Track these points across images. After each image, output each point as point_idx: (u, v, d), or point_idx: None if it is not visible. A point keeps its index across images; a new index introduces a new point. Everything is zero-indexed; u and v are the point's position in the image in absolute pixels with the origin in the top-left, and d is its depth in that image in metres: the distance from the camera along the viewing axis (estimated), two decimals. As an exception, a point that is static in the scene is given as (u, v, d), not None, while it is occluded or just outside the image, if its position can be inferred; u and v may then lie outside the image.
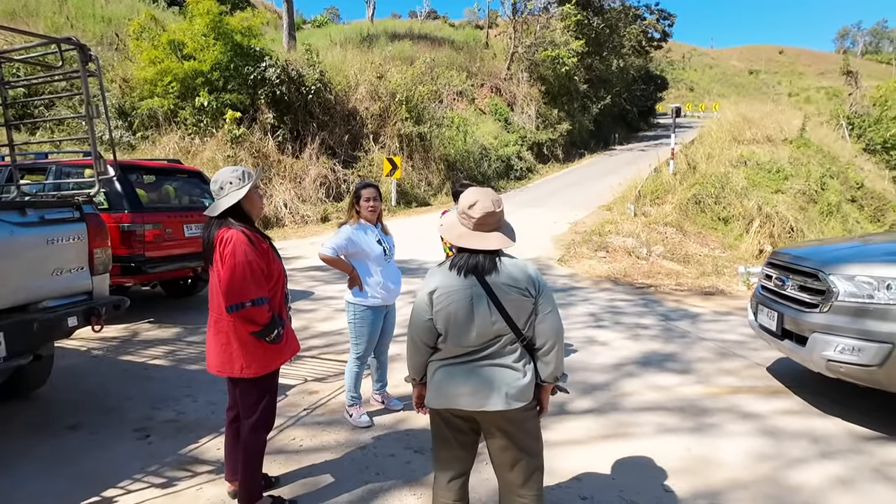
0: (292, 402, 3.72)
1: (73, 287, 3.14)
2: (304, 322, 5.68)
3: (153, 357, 4.63)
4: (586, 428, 3.42)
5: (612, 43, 30.57)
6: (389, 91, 16.94)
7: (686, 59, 69.37)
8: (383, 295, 3.27)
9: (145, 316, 5.85)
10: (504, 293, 1.84)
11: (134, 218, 5.26)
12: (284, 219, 13.19)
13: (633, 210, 12.94)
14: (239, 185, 2.32)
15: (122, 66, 14.52)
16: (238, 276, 2.21)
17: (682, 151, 17.35)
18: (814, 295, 3.58)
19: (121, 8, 18.02)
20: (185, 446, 3.08)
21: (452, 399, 1.89)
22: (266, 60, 14.16)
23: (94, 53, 3.14)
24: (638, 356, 4.81)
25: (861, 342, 3.25)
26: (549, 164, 25.08)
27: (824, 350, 3.38)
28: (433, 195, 17.16)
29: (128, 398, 3.73)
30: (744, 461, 3.03)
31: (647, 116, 40.59)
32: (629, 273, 8.64)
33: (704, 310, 6.56)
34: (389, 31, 28.74)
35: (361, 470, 2.86)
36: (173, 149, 12.80)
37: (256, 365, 2.34)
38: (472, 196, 1.90)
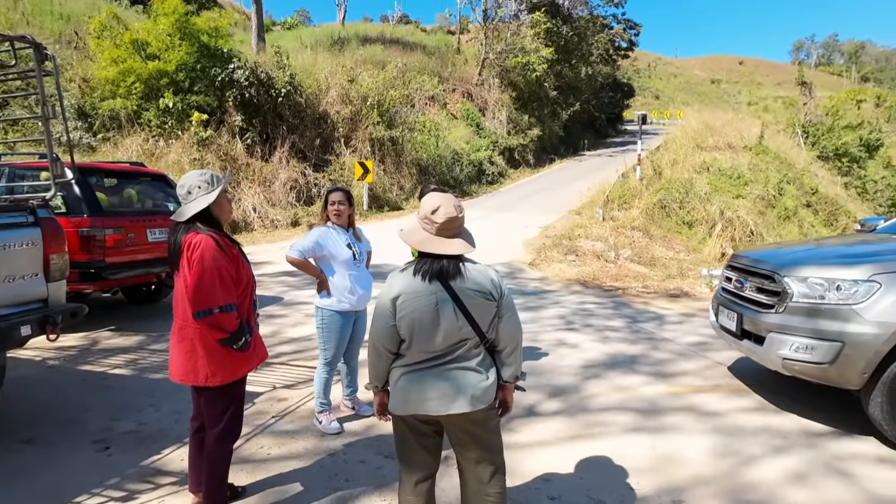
0: (260, 410, 3.65)
1: (27, 294, 3.01)
2: (274, 328, 5.59)
3: (114, 366, 4.47)
4: (554, 429, 3.47)
5: (581, 51, 31.26)
6: (361, 95, 16.87)
7: (651, 68, 71.35)
8: (352, 300, 3.24)
9: (106, 324, 5.65)
10: (469, 298, 1.87)
11: (93, 222, 5.08)
12: (253, 223, 12.95)
13: (602, 214, 13.22)
14: (207, 189, 2.28)
15: (81, 65, 14.02)
16: (206, 282, 2.17)
17: (648, 157, 17.82)
18: (770, 296, 3.73)
19: (80, 5, 17.41)
20: (147, 458, 2.98)
21: (418, 405, 1.89)
22: (234, 62, 13.91)
23: (51, 52, 3.03)
24: (606, 358, 4.91)
25: (814, 341, 3.40)
26: (520, 169, 25.38)
27: (780, 349, 3.53)
28: (405, 199, 17.14)
29: (86, 409, 3.60)
30: (705, 458, 3.12)
31: (615, 123, 41.55)
32: (598, 276, 8.81)
33: (670, 312, 6.75)
34: (361, 34, 28.63)
35: (331, 477, 2.83)
36: (136, 151, 12.42)
37: (222, 373, 2.29)
38: (435, 201, 1.91)
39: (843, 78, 75.99)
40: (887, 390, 3.19)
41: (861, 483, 2.87)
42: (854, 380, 3.30)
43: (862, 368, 3.23)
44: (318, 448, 3.14)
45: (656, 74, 73.78)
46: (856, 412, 3.52)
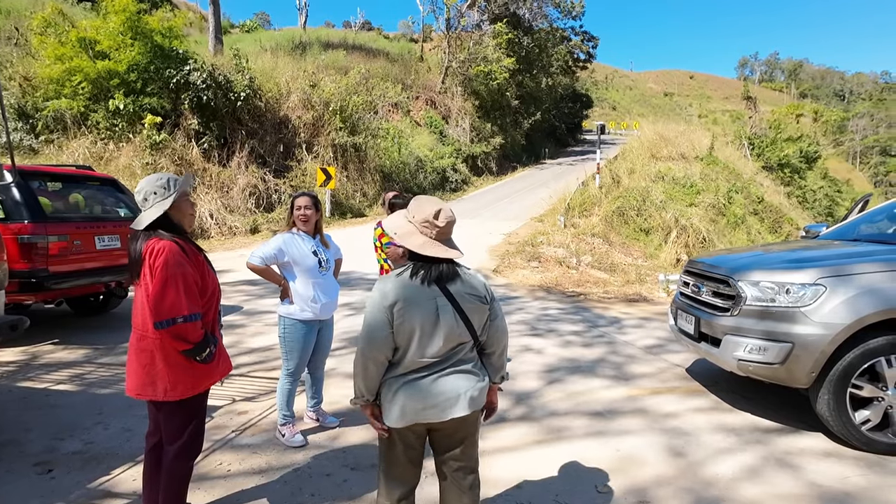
0: (219, 424, 3.50)
1: (-39, 306, 2.79)
2: (234, 337, 5.41)
3: (57, 382, 4.20)
4: (521, 434, 3.49)
5: (542, 62, 32.00)
6: (323, 100, 16.66)
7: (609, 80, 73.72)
8: (316, 308, 3.16)
9: (49, 337, 5.32)
10: (466, 301, 1.88)
11: (35, 229, 4.78)
12: (210, 230, 12.54)
13: (564, 222, 13.48)
14: (164, 194, 2.17)
15: (23, 62, 13.28)
16: (170, 290, 2.06)
17: (607, 166, 18.32)
18: (725, 300, 3.88)
19: (22, 0, 16.51)
20: (95, 479, 2.80)
21: (418, 414, 1.85)
22: (190, 63, 13.48)
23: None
24: (568, 362, 4.98)
25: (766, 342, 3.54)
26: (483, 177, 25.62)
27: (735, 350, 3.66)
28: (368, 206, 16.99)
29: (27, 429, 3.36)
30: (666, 458, 3.20)
31: (575, 132, 42.60)
32: (560, 282, 8.96)
33: (629, 316, 6.92)
34: (323, 39, 28.34)
35: (295, 493, 2.73)
36: (84, 154, 11.84)
37: (182, 387, 2.18)
38: (432, 204, 1.90)
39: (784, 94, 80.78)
40: (833, 388, 3.35)
41: (810, 476, 3.00)
42: (803, 379, 3.46)
43: (810, 368, 3.39)
44: (281, 462, 3.03)
45: (613, 86, 76.28)
46: (804, 409, 3.69)
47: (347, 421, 3.56)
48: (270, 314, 6.29)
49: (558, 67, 34.52)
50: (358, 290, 7.51)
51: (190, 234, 2.36)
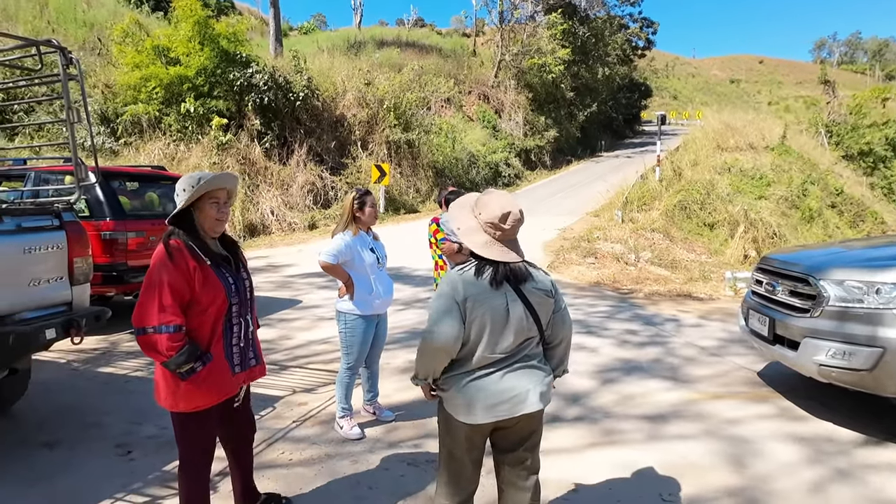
0: (280, 414, 3.62)
1: (52, 298, 3.02)
2: (290, 331, 5.59)
3: (135, 369, 4.49)
4: (577, 435, 3.39)
5: (598, 51, 31.04)
6: (377, 98, 16.93)
7: (669, 68, 70.51)
8: (375, 304, 3.20)
9: (126, 327, 5.67)
10: (533, 295, 1.86)
11: (116, 226, 5.13)
12: (271, 226, 13.05)
13: (621, 216, 13.04)
14: (185, 194, 2.08)
15: (104, 71, 14.31)
16: (145, 297, 1.98)
17: (667, 158, 17.57)
18: (804, 300, 3.59)
19: (103, 13, 17.79)
20: (169, 463, 2.96)
21: (489, 411, 1.81)
22: (253, 66, 14.06)
23: (75, 57, 3.05)
24: (624, 362, 4.80)
25: (851, 346, 3.26)
26: (536, 171, 25.24)
27: (815, 355, 3.39)
28: (421, 202, 17.13)
29: (108, 413, 3.61)
30: (730, 467, 3.01)
31: (633, 124, 41.16)
32: (618, 279, 8.66)
33: (692, 315, 6.59)
34: (377, 38, 28.80)
35: (353, 485, 2.77)
36: (158, 155, 12.62)
37: (172, 399, 2.06)
38: (501, 205, 1.82)
39: (867, 76, 74.21)
40: (932, 400, 3.04)
41: (891, 494, 2.73)
42: (893, 387, 3.16)
43: (904, 376, 3.09)
44: (340, 454, 3.09)
45: (674, 74, 72.95)
46: (888, 418, 3.37)
47: (403, 415, 3.58)
48: (322, 308, 6.46)
49: (616, 56, 33.40)
50: (408, 286, 7.57)
51: (228, 238, 2.28)
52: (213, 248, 2.18)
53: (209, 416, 2.14)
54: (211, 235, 2.19)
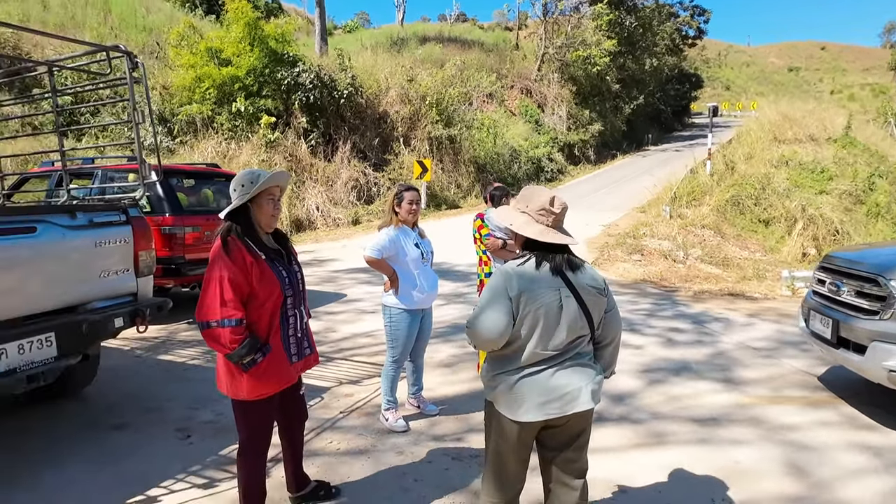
0: (327, 404, 3.73)
1: (120, 289, 3.22)
2: (335, 323, 5.72)
3: (191, 358, 4.72)
4: (622, 435, 3.32)
5: (646, 42, 30.08)
6: (419, 94, 17.02)
7: (722, 57, 67.54)
8: (420, 298, 3.24)
9: (183, 317, 5.97)
10: (587, 293, 1.84)
11: (175, 221, 5.39)
12: (316, 222, 13.38)
13: (669, 212, 12.62)
14: (248, 188, 2.14)
15: (162, 73, 15.00)
16: (208, 292, 2.06)
17: (719, 151, 16.87)
18: (872, 301, 3.38)
19: (161, 17, 18.64)
20: (225, 447, 3.10)
21: (540, 409, 1.80)
22: (299, 66, 14.41)
23: (140, 60, 3.22)
24: (671, 362, 4.66)
25: (926, 353, 3.05)
26: (580, 166, 24.78)
27: (886, 359, 3.19)
28: (463, 198, 17.14)
29: (168, 399, 3.81)
30: (786, 474, 2.88)
31: (682, 116, 39.72)
32: (665, 276, 8.40)
33: (744, 316, 6.31)
34: (419, 34, 28.93)
35: (399, 476, 2.83)
36: (211, 153, 13.14)
37: (233, 388, 2.16)
38: (545, 192, 1.89)
39: (945, 60, 68.57)
40: None
41: None
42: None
43: None
44: (385, 445, 3.15)
45: (727, 64, 69.80)
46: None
47: (446, 409, 3.61)
48: (365, 301, 6.58)
49: (664, 47, 32.28)
50: (449, 281, 7.59)
51: (279, 233, 2.33)
52: (267, 242, 2.25)
53: (268, 403, 2.23)
54: (265, 231, 2.26)
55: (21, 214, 2.84)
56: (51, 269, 2.83)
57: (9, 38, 13.07)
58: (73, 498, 2.63)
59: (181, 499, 2.63)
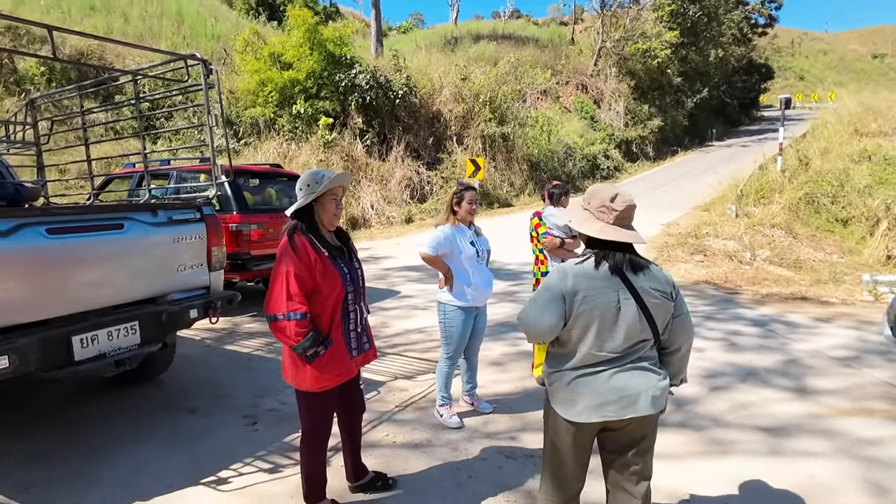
0: (383, 398, 3.82)
1: (195, 282, 3.44)
2: (390, 319, 5.84)
3: (256, 349, 4.96)
4: (683, 442, 3.20)
5: (711, 32, 28.64)
6: (473, 92, 17.02)
7: (795, 45, 63.28)
8: (474, 296, 3.25)
9: (247, 311, 6.29)
10: (650, 296, 1.78)
11: (242, 219, 5.68)
12: (371, 220, 13.68)
13: (735, 211, 11.99)
14: (313, 188, 2.24)
15: (228, 78, 15.80)
16: (275, 286, 2.16)
17: (791, 146, 15.82)
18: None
19: (227, 26, 19.64)
20: (288, 435, 3.25)
21: (596, 410, 1.78)
22: (356, 67, 14.77)
23: (214, 67, 3.41)
24: (738, 367, 4.43)
25: None
26: (638, 163, 23.98)
27: None
28: (515, 196, 17.01)
29: (235, 386, 4.03)
30: (866, 492, 2.68)
31: (750, 109, 37.57)
32: (730, 279, 8.00)
33: (819, 321, 5.90)
34: (473, 32, 28.90)
35: (453, 472, 2.86)
36: (273, 154, 13.72)
37: (298, 379, 2.26)
38: (609, 189, 1.85)
39: None
40: None
41: None
42: None
43: None
44: (440, 441, 3.20)
45: (801, 52, 65.33)
46: None
47: (500, 408, 3.62)
48: (418, 298, 6.67)
49: (731, 36, 30.62)
50: (501, 280, 7.55)
51: (341, 231, 2.41)
52: (329, 240, 2.34)
53: (330, 395, 2.32)
54: (328, 229, 2.35)
55: (110, 212, 3.09)
56: (136, 262, 3.08)
57: (95, 49, 14.18)
58: (152, 475, 2.84)
59: (249, 482, 2.78)
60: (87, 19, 15.92)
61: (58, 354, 2.69)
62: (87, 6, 16.57)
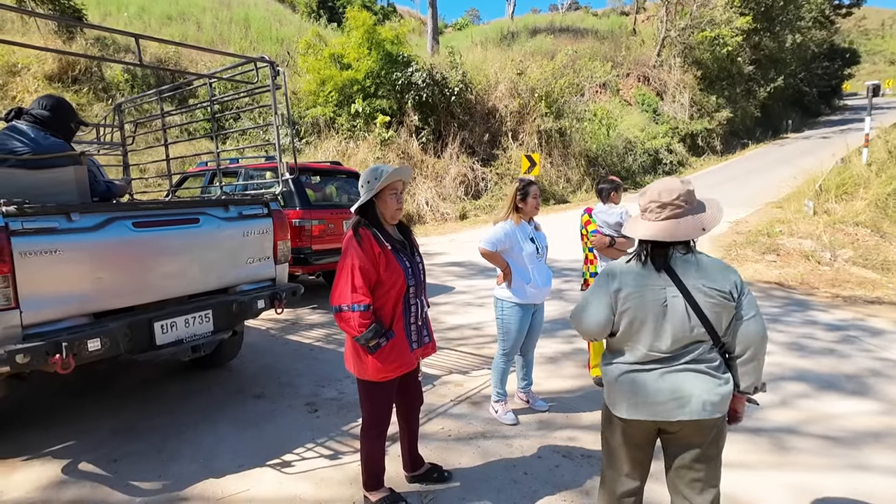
0: (439, 392, 3.86)
1: (262, 274, 3.62)
2: (440, 315, 5.89)
3: (316, 339, 5.15)
4: (753, 451, 3.03)
5: (787, 16, 26.77)
6: (529, 87, 16.80)
7: (886, 28, 57.93)
8: (532, 293, 3.22)
9: (309, 303, 6.53)
10: (702, 295, 1.69)
11: (304, 214, 5.91)
12: (426, 216, 13.83)
13: (812, 207, 11.17)
14: (368, 186, 2.31)
15: (291, 80, 16.44)
16: (341, 279, 2.23)
17: (880, 137, 14.54)
18: None
19: (291, 29, 20.42)
20: (347, 424, 3.36)
21: (643, 409, 1.75)
22: (413, 66, 14.95)
23: (281, 69, 3.57)
24: (813, 375, 4.13)
25: None
26: (704, 157, 22.86)
27: None
28: (572, 192, 16.67)
29: (298, 375, 4.21)
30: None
31: (831, 98, 34.87)
32: (807, 280, 7.47)
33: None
34: (530, 26, 28.54)
35: (509, 468, 2.86)
36: (332, 152, 14.16)
37: (360, 369, 2.33)
38: (657, 184, 1.82)
39: None
40: None
41: None
42: None
43: None
44: (495, 436, 3.20)
45: (893, 34, 59.76)
46: None
47: (555, 406, 3.57)
48: (471, 294, 6.68)
49: (811, 19, 28.44)
50: (558, 277, 7.43)
51: (403, 226, 2.46)
52: (392, 234, 2.40)
53: (390, 386, 2.39)
54: (390, 223, 2.40)
55: (188, 207, 3.30)
56: (210, 254, 3.28)
57: (171, 56, 15.15)
58: (226, 453, 3.02)
59: (311, 466, 2.90)
60: (165, 28, 17.04)
61: (142, 339, 2.91)
62: (165, 16, 17.71)
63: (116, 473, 2.84)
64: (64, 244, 2.61)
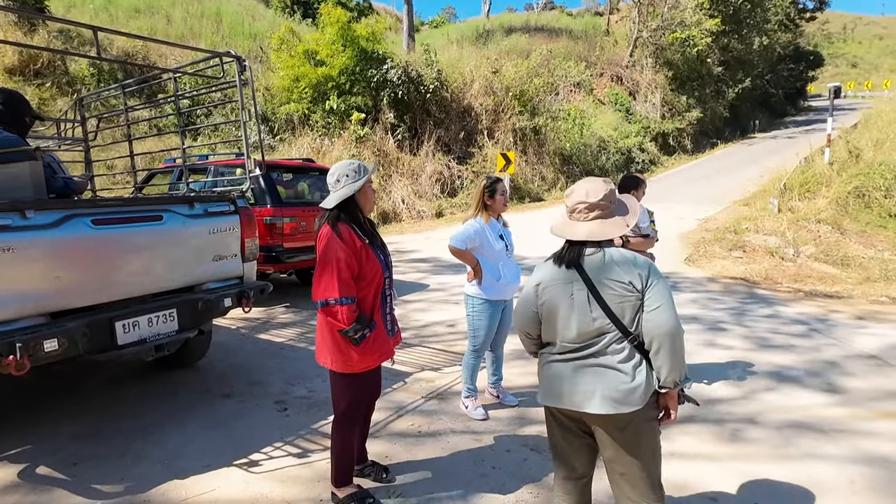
0: (409, 389, 3.87)
1: (229, 272, 3.57)
2: (412, 312, 5.89)
3: (288, 338, 5.10)
4: (714, 442, 3.12)
5: (754, 18, 27.49)
6: (504, 86, 16.89)
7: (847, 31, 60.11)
8: (502, 289, 3.26)
9: (281, 301, 6.46)
10: (605, 287, 1.76)
11: (275, 212, 5.83)
12: (402, 214, 13.79)
13: (777, 205, 11.53)
14: (354, 178, 2.31)
15: (264, 76, 16.18)
16: (325, 274, 2.23)
17: (841, 137, 15.10)
18: None
19: (264, 24, 20.07)
20: (317, 422, 3.34)
21: (557, 397, 1.86)
22: (388, 63, 14.87)
23: (248, 64, 3.51)
24: (774, 368, 4.28)
25: None
26: (675, 156, 23.34)
27: None
28: (547, 190, 16.83)
29: (268, 373, 4.16)
30: (926, 503, 2.55)
31: (796, 99, 35.96)
32: (771, 275, 7.71)
33: (864, 321, 5.63)
34: (505, 25, 28.66)
35: (477, 462, 2.88)
36: (306, 149, 13.98)
37: (340, 362, 2.33)
38: (577, 186, 1.91)
39: None
40: None
41: None
42: None
43: None
44: (465, 431, 3.22)
45: (853, 38, 62.01)
46: None
47: (525, 401, 3.61)
48: (445, 292, 6.70)
49: (777, 23, 29.30)
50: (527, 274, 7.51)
51: (368, 220, 2.46)
52: (367, 228, 2.43)
53: (370, 376, 2.44)
54: (366, 216, 2.45)
55: (150, 205, 3.23)
56: (174, 252, 3.21)
57: (140, 50, 14.74)
58: (192, 454, 2.97)
59: (279, 465, 2.87)
60: (133, 21, 16.56)
61: (102, 338, 2.84)
62: (133, 9, 17.22)
63: (76, 477, 2.76)
64: (18, 242, 2.53)
